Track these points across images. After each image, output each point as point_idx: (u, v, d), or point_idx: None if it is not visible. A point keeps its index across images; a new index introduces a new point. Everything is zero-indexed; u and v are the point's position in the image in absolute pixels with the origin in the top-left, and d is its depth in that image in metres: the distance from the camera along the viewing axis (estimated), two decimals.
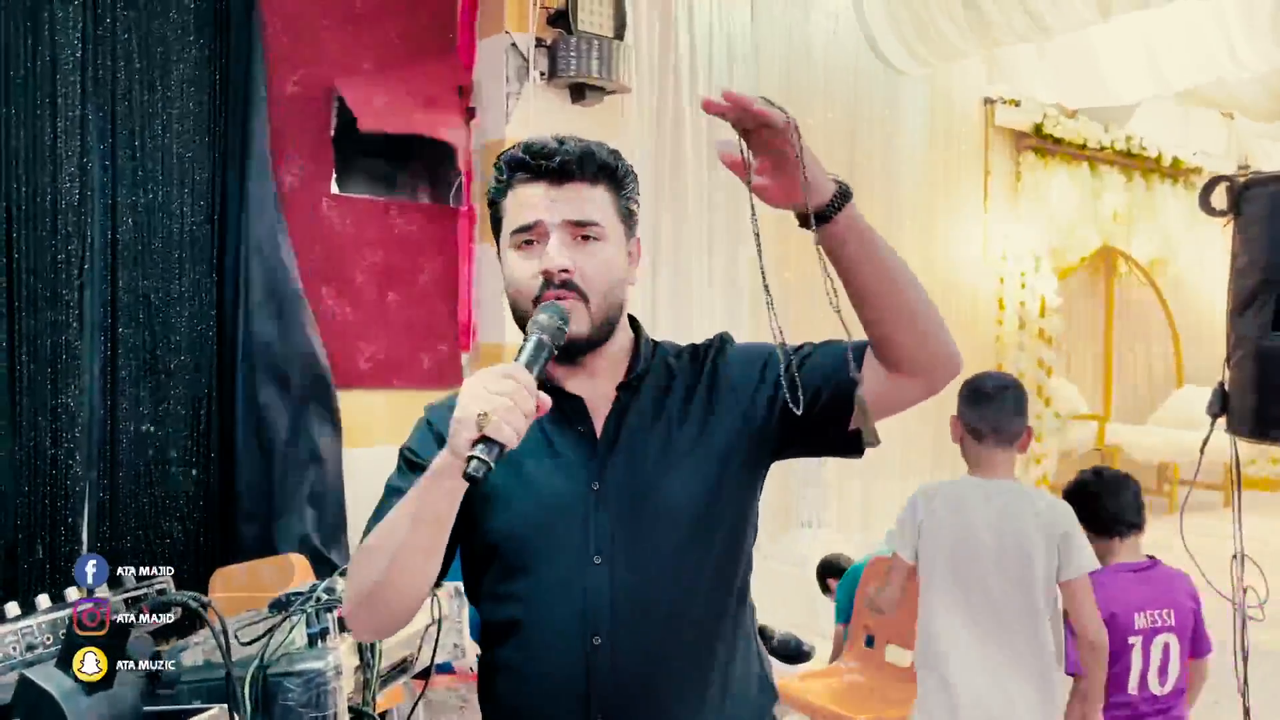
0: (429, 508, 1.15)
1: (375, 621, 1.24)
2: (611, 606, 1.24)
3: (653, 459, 1.31)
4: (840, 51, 5.69)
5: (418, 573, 1.19)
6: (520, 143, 1.34)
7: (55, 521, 3.31)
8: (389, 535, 1.18)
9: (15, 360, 3.23)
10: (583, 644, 1.24)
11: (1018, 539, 2.41)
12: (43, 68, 3.27)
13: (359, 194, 4.05)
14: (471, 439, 1.06)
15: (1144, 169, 7.76)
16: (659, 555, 1.27)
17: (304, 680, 1.62)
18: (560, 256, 1.27)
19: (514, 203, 1.32)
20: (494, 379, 1.09)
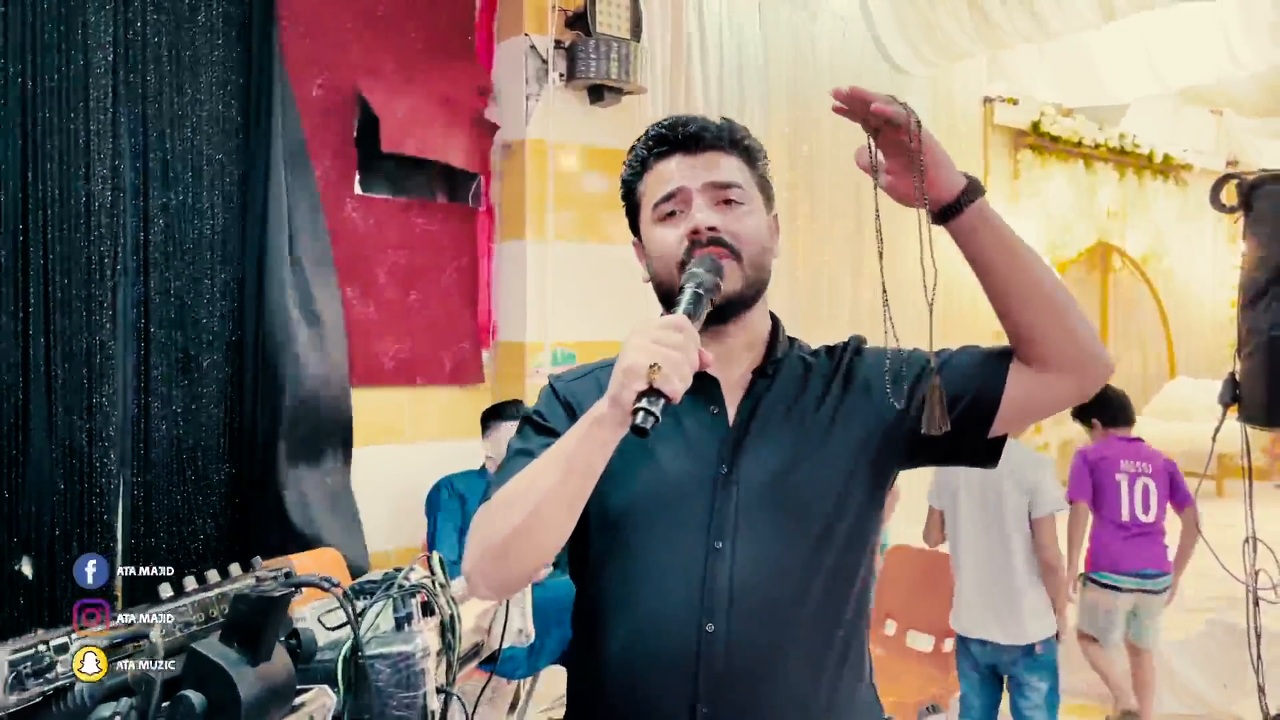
0: (581, 457, 1.12)
1: (502, 576, 1.22)
2: (730, 594, 1.20)
3: (784, 448, 1.28)
4: (845, 52, 5.77)
5: (558, 525, 1.16)
6: (651, 125, 1.36)
7: (91, 519, 3.35)
8: (530, 486, 1.16)
9: (50, 361, 3.28)
10: (697, 629, 1.19)
11: (995, 487, 3.20)
12: (75, 72, 3.31)
13: (381, 194, 4.11)
14: (640, 390, 1.04)
15: (1136, 166, 7.90)
16: (781, 547, 1.23)
17: (393, 662, 1.68)
18: (707, 216, 1.27)
19: (653, 179, 1.32)
20: (661, 331, 1.07)
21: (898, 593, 3.56)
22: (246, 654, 1.03)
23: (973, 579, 3.19)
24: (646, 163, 1.33)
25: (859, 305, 6.00)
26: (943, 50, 5.14)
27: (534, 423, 1.34)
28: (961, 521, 3.28)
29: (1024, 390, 1.25)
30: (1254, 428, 3.08)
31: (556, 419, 1.30)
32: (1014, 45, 5.14)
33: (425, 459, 3.98)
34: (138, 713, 0.96)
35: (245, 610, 1.04)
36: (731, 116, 4.63)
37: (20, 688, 0.94)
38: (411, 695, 1.68)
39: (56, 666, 0.97)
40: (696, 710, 1.19)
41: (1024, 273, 1.21)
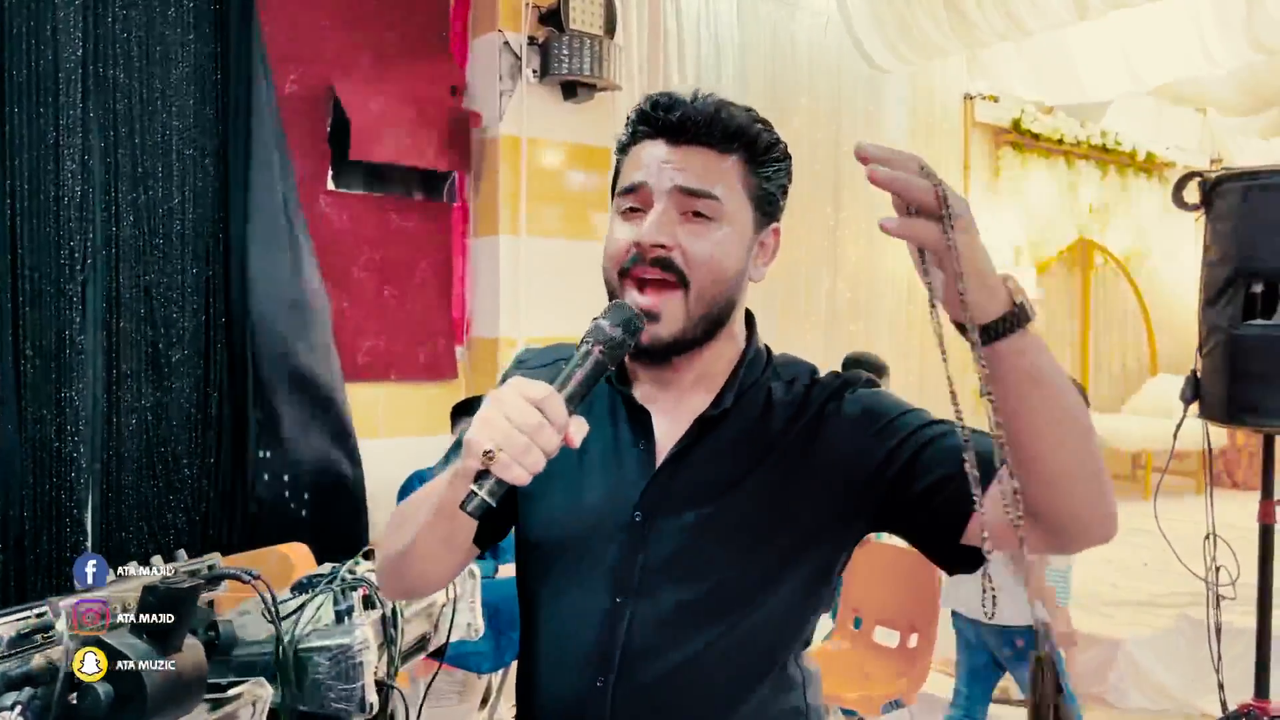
0: (447, 504, 1.02)
1: (397, 589, 1.21)
2: (622, 652, 1.09)
3: (708, 513, 1.11)
4: (824, 48, 5.79)
5: (437, 560, 1.11)
6: (650, 94, 1.14)
7: (60, 513, 3.36)
8: (414, 514, 1.10)
9: (20, 355, 3.28)
10: (590, 681, 1.10)
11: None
12: (45, 67, 3.32)
13: (355, 191, 4.12)
14: (476, 470, 0.92)
15: (1119, 164, 7.91)
16: (683, 609, 1.10)
17: (332, 655, 1.70)
18: (658, 229, 1.07)
19: (629, 162, 1.13)
20: (519, 406, 0.92)
21: (866, 587, 3.58)
22: (155, 645, 1.05)
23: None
24: (632, 140, 1.14)
25: (836, 300, 6.02)
26: (920, 48, 5.15)
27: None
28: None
29: (997, 522, 0.94)
30: (1213, 424, 3.11)
31: None
32: (991, 44, 5.15)
33: (400, 454, 3.98)
34: (40, 703, 0.97)
35: (154, 602, 1.05)
36: None
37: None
38: (350, 687, 1.70)
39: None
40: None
41: (1050, 432, 0.94)
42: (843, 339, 6.04)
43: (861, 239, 6.11)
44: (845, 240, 6.04)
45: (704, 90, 1.11)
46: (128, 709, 1.02)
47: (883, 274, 6.24)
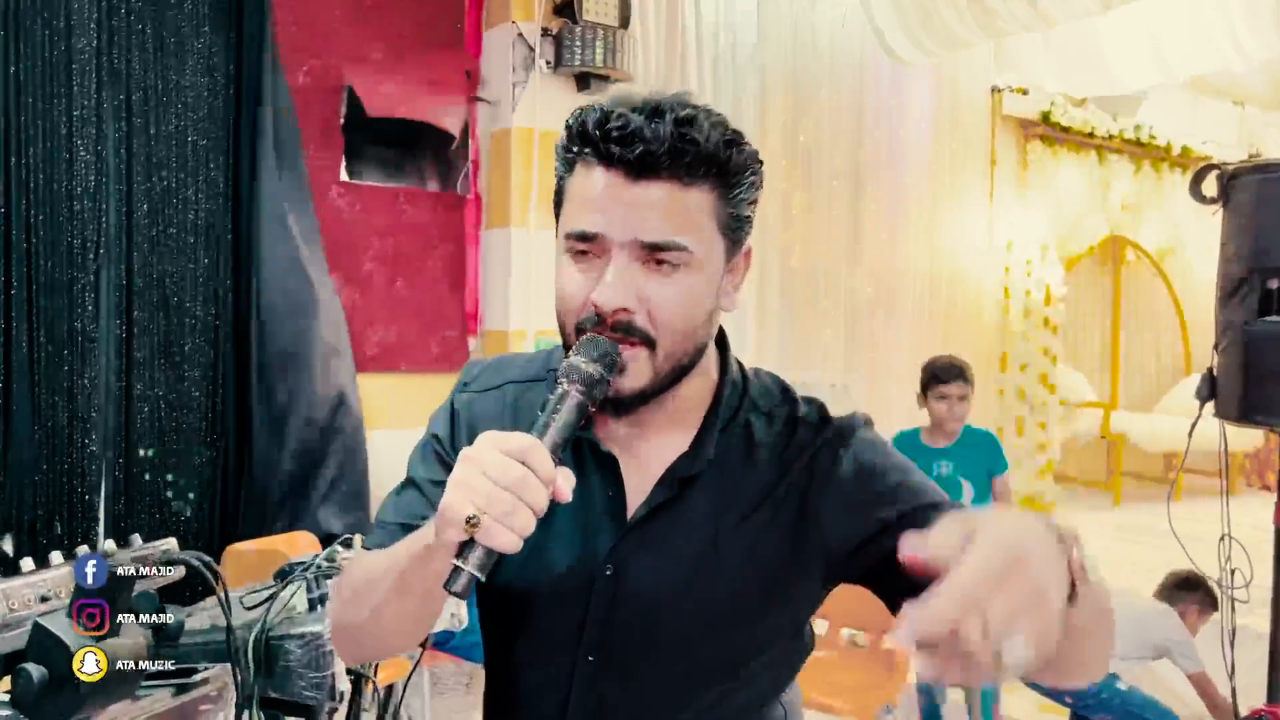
0: (416, 582, 0.92)
1: (357, 655, 1.12)
2: (596, 713, 1.04)
3: (686, 574, 1.03)
4: (846, 40, 5.73)
5: (400, 633, 1.01)
6: (596, 105, 0.97)
7: (73, 499, 3.41)
8: (373, 588, 0.97)
9: (34, 342, 3.33)
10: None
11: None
12: (59, 57, 3.36)
13: (368, 181, 4.13)
14: (459, 541, 0.83)
15: (1153, 158, 7.77)
16: (660, 677, 1.04)
17: (304, 642, 1.69)
18: (617, 290, 0.94)
19: (577, 189, 0.98)
20: (498, 462, 0.83)
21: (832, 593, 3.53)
22: (91, 630, 1.04)
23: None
24: (579, 156, 0.98)
25: (856, 295, 5.96)
26: (943, 40, 5.08)
27: (432, 446, 1.12)
28: None
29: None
30: (1228, 423, 3.04)
31: (449, 443, 1.10)
32: (1014, 34, 5.07)
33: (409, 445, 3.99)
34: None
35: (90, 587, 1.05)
36: (726, 106, 4.54)
37: None
38: (320, 675, 1.70)
39: None
40: None
41: (1086, 648, 0.86)
42: (863, 334, 5.99)
43: (882, 233, 6.04)
44: (866, 234, 5.97)
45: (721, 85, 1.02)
46: (61, 693, 1.02)
47: (904, 268, 6.17)
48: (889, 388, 6.13)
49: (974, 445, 3.45)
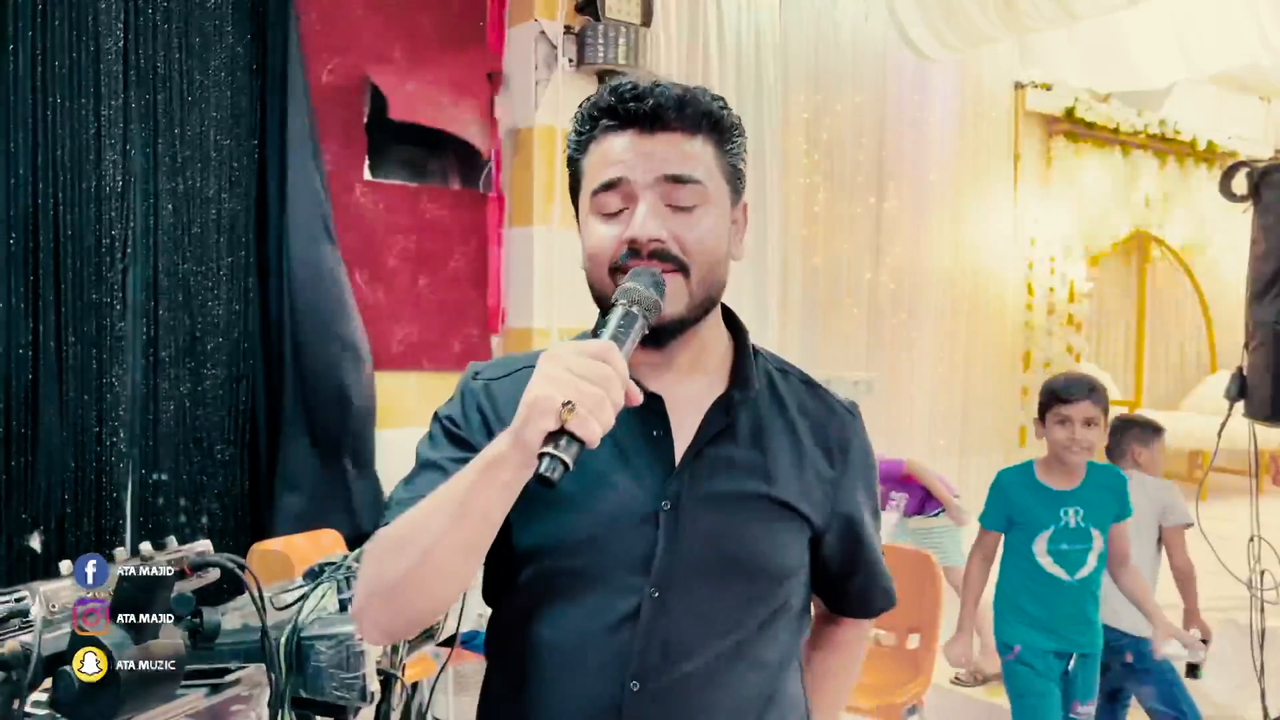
0: (478, 504, 0.95)
1: (393, 622, 1.05)
2: (662, 650, 1.06)
3: (732, 485, 1.10)
4: (869, 36, 5.70)
5: (453, 574, 1.00)
6: (605, 86, 1.10)
7: (100, 497, 3.44)
8: (423, 527, 0.98)
9: (60, 342, 3.35)
10: (621, 686, 1.05)
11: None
12: (86, 58, 3.38)
13: (391, 180, 4.14)
14: (548, 431, 0.88)
15: (1178, 153, 7.70)
16: (717, 602, 1.09)
17: (335, 643, 1.70)
18: (651, 223, 1.04)
19: (596, 158, 1.08)
20: (581, 360, 0.90)
21: None
22: (130, 632, 1.05)
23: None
24: (594, 133, 1.09)
25: (879, 291, 5.94)
26: (966, 35, 5.05)
27: (445, 427, 1.14)
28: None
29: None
30: (1259, 423, 3.01)
31: (471, 427, 1.12)
32: (1040, 29, 5.03)
33: None
34: (11, 687, 0.98)
35: (130, 589, 1.05)
36: (749, 102, 4.56)
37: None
38: (351, 676, 1.70)
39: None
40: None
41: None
42: (885, 330, 5.97)
43: (905, 229, 6.02)
44: (888, 230, 5.95)
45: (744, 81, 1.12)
46: (102, 694, 1.02)
47: (927, 265, 6.15)
48: (911, 385, 6.11)
49: (1104, 487, 2.78)
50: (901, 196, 5.97)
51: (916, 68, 5.90)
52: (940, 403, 6.29)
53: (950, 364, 6.34)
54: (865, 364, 5.78)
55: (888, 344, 5.99)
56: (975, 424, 6.53)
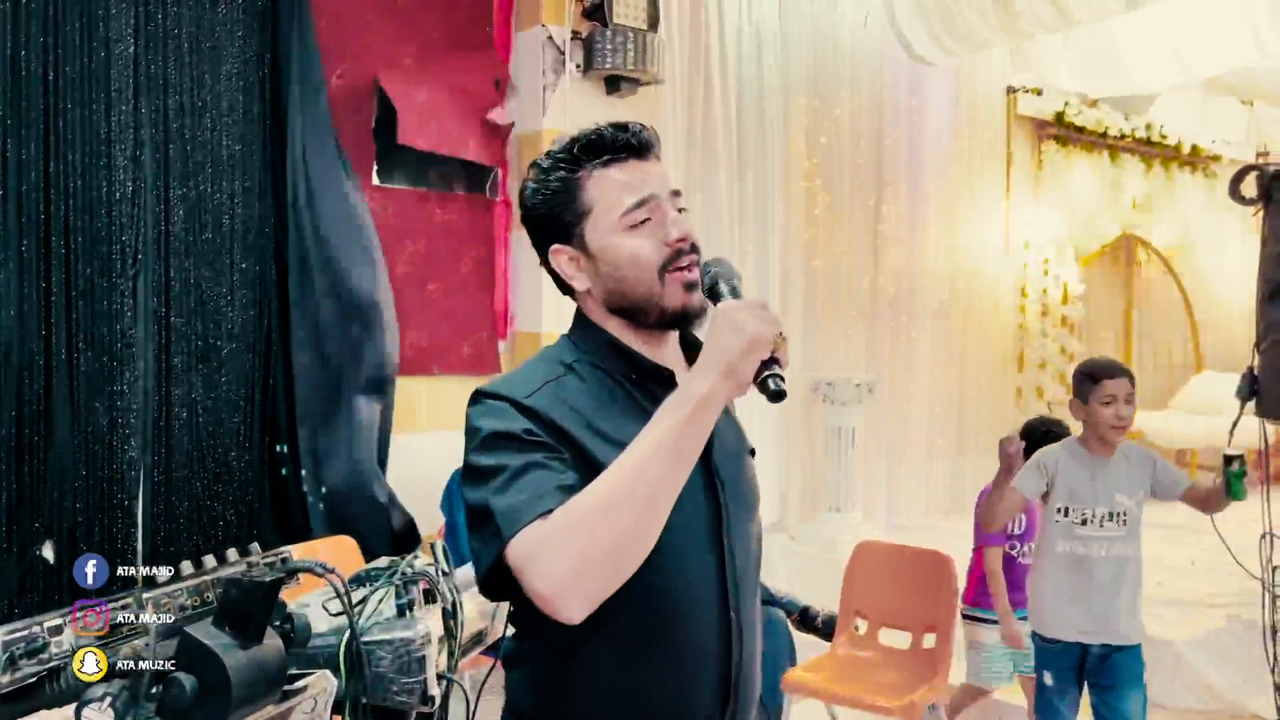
0: (692, 442, 1.09)
1: (611, 584, 1.10)
2: (737, 585, 1.28)
3: (735, 444, 1.38)
4: (866, 41, 5.75)
5: (664, 518, 1.11)
6: (584, 131, 1.29)
7: (112, 503, 3.41)
8: (637, 480, 1.08)
9: (72, 348, 3.33)
10: (727, 621, 1.27)
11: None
12: (97, 64, 3.36)
13: (399, 185, 4.14)
14: (763, 359, 1.09)
15: (1163, 157, 7.80)
16: (750, 535, 1.36)
17: (395, 648, 1.70)
18: (684, 224, 1.28)
19: (609, 186, 1.27)
20: (761, 310, 1.11)
21: (867, 590, 3.53)
22: (237, 638, 1.05)
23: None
24: (589, 168, 1.27)
25: (878, 294, 5.98)
26: (964, 40, 5.10)
27: (519, 439, 1.19)
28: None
29: None
30: (1271, 422, 3.06)
31: (543, 432, 1.20)
32: (1037, 35, 5.09)
33: (441, 448, 4.00)
34: (129, 693, 0.98)
35: (236, 595, 1.06)
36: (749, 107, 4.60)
37: (14, 668, 0.96)
38: (413, 681, 1.71)
39: (50, 648, 1.00)
40: (730, 693, 1.28)
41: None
42: (884, 332, 6.01)
43: (903, 232, 6.07)
44: (887, 233, 6.00)
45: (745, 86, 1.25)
46: (212, 700, 1.03)
47: (925, 268, 6.20)
48: (909, 386, 6.16)
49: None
50: (899, 200, 6.02)
51: (913, 72, 5.96)
52: (938, 403, 6.34)
53: (947, 365, 6.40)
54: (865, 366, 5.82)
55: (887, 346, 6.04)
56: (971, 424, 6.58)
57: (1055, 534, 2.85)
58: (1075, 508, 2.82)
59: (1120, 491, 2.81)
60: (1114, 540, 2.80)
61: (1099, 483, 2.81)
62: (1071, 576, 2.81)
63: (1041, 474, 2.85)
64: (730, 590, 1.27)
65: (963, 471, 6.54)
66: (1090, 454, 2.85)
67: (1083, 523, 2.81)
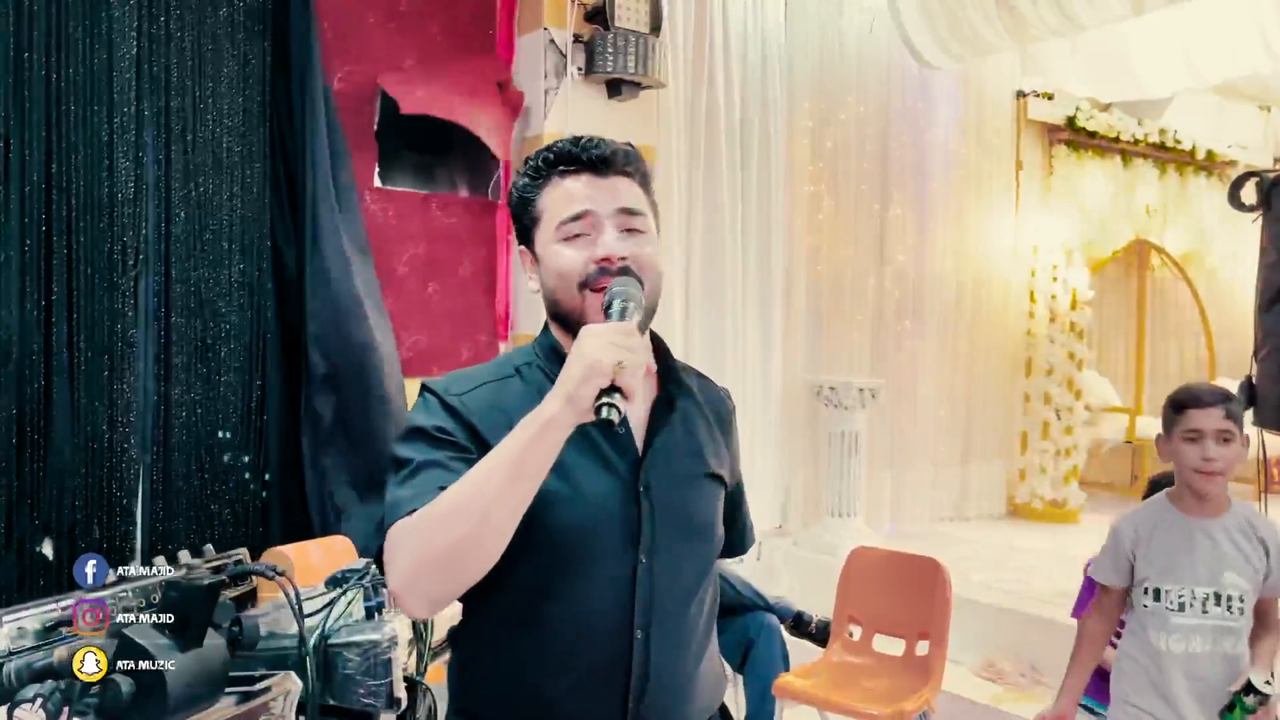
0: (534, 460, 1.12)
1: (444, 589, 1.17)
2: (651, 603, 1.28)
3: (684, 467, 1.35)
4: (873, 45, 5.73)
5: (504, 532, 1.15)
6: (555, 141, 1.34)
7: (111, 503, 3.44)
8: (476, 493, 1.13)
9: (73, 348, 3.36)
10: (628, 638, 1.26)
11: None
12: (100, 65, 3.40)
13: (401, 187, 4.15)
14: (602, 387, 1.08)
15: (1178, 162, 7.72)
16: (685, 560, 1.33)
17: (362, 651, 1.71)
18: (618, 244, 1.27)
19: (557, 196, 1.31)
20: (618, 334, 1.12)
21: (861, 596, 3.50)
22: (176, 640, 1.06)
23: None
24: (549, 177, 1.32)
25: (884, 298, 5.95)
26: (970, 45, 5.07)
27: (433, 436, 1.26)
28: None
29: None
30: (1269, 432, 3.03)
31: (457, 431, 1.26)
32: (1044, 39, 5.06)
33: None
34: (62, 695, 0.99)
35: (175, 597, 1.07)
36: (754, 112, 4.59)
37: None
38: (378, 684, 1.71)
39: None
40: (627, 714, 1.26)
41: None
42: (889, 338, 5.98)
43: (909, 237, 6.04)
44: (892, 238, 5.97)
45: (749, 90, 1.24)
46: (149, 703, 1.03)
47: (931, 272, 6.16)
48: (915, 392, 6.13)
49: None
50: (905, 205, 5.99)
51: (920, 77, 5.93)
52: (944, 410, 6.30)
53: (953, 371, 6.36)
54: (870, 371, 5.80)
55: (892, 351, 6.01)
56: (978, 431, 6.54)
57: (1144, 622, 2.21)
58: (1169, 589, 2.17)
59: (1231, 568, 2.15)
60: (1223, 632, 2.14)
61: (1200, 554, 2.16)
62: (1164, 678, 2.16)
63: (1119, 553, 2.26)
64: (638, 608, 1.26)
65: (969, 478, 6.50)
66: (1186, 515, 2.19)
67: (1179, 609, 2.15)
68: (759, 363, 5.32)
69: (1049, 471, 6.58)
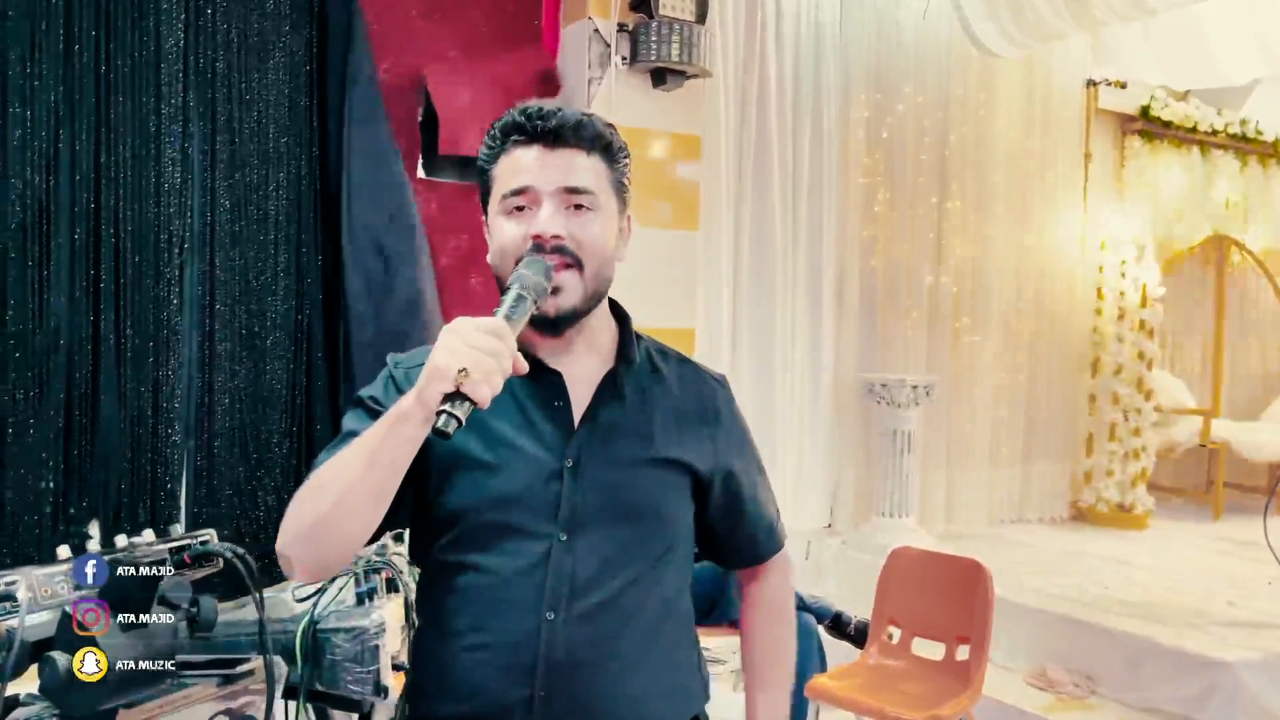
0: (385, 452, 1.12)
1: (313, 560, 1.19)
2: (570, 586, 1.24)
3: (624, 449, 1.30)
4: (932, 32, 5.58)
5: (363, 515, 1.16)
6: (515, 107, 1.30)
7: (155, 487, 3.50)
8: (338, 474, 1.15)
9: (120, 334, 3.43)
10: (538, 618, 1.23)
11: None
12: (147, 57, 3.46)
13: (445, 179, 4.16)
14: (445, 393, 1.05)
15: (1260, 154, 7.40)
16: (617, 545, 1.27)
17: (351, 636, 1.70)
18: (552, 222, 1.24)
19: (506, 166, 1.28)
20: (477, 334, 1.07)
21: (901, 598, 3.41)
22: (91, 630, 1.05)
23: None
24: (505, 147, 1.29)
25: (940, 294, 5.80)
26: (1034, 31, 4.92)
27: (366, 405, 1.30)
28: None
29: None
30: None
31: (390, 404, 1.23)
32: (1111, 25, 4.88)
33: None
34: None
35: (120, 577, 1.05)
36: (806, 100, 4.51)
37: None
38: (365, 670, 1.70)
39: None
40: (534, 696, 1.23)
41: None
42: (946, 334, 5.83)
43: (969, 231, 5.87)
44: (951, 232, 5.82)
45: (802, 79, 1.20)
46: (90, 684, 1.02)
47: (992, 268, 5.99)
48: (973, 390, 5.96)
49: None
50: (964, 197, 5.83)
51: (982, 65, 5.77)
52: (1003, 409, 6.12)
53: (1014, 369, 6.17)
54: (925, 369, 5.66)
55: (949, 348, 5.85)
56: (1040, 432, 6.35)
57: None
58: None
59: None
60: None
61: None
62: None
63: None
64: (549, 586, 1.23)
65: (1030, 480, 6.31)
66: None
67: None
68: (809, 358, 5.23)
69: (1116, 474, 6.35)
